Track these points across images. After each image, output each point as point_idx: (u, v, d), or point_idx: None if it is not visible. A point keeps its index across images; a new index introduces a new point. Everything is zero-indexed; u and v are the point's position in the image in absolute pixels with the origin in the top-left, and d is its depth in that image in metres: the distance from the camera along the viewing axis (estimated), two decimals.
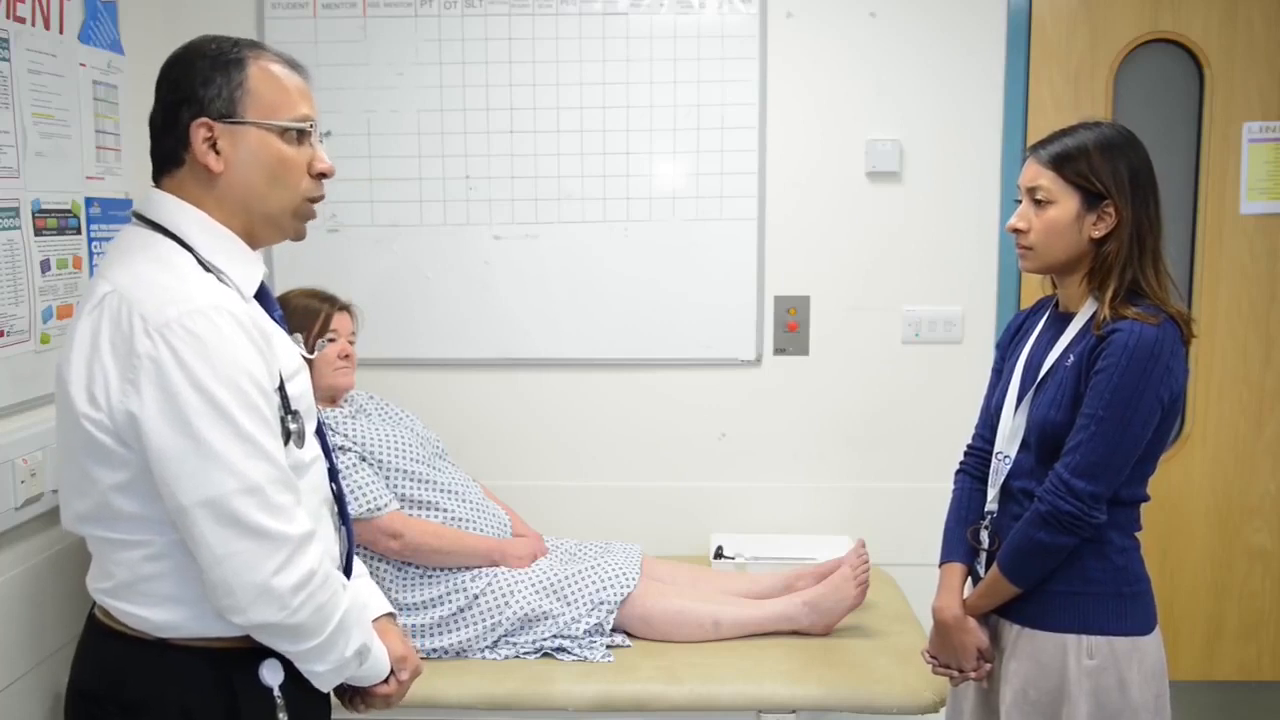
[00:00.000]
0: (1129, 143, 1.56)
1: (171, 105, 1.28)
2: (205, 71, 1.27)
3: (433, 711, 1.98)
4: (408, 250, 2.62)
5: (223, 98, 1.27)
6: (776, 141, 2.58)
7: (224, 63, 1.28)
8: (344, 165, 2.53)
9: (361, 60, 2.56)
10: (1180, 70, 2.57)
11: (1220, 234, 2.57)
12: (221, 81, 1.27)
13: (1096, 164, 1.53)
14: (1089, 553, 1.55)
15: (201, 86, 1.27)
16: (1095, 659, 1.54)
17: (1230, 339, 2.60)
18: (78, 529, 1.29)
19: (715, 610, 2.17)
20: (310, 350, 2.07)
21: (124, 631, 1.28)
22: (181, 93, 1.28)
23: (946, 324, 2.62)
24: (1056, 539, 1.53)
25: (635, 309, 2.63)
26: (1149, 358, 1.47)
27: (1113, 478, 1.51)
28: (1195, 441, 2.64)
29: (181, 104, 1.27)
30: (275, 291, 2.29)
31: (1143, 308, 1.52)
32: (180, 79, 1.28)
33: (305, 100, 1.33)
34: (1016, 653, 1.62)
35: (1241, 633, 2.67)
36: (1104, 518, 1.52)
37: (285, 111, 1.30)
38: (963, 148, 2.57)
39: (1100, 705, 1.53)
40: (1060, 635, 1.56)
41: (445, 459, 2.36)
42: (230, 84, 1.27)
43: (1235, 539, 2.65)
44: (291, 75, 1.32)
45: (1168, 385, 1.50)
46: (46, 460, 1.77)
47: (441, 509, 2.21)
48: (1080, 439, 1.51)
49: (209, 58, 1.28)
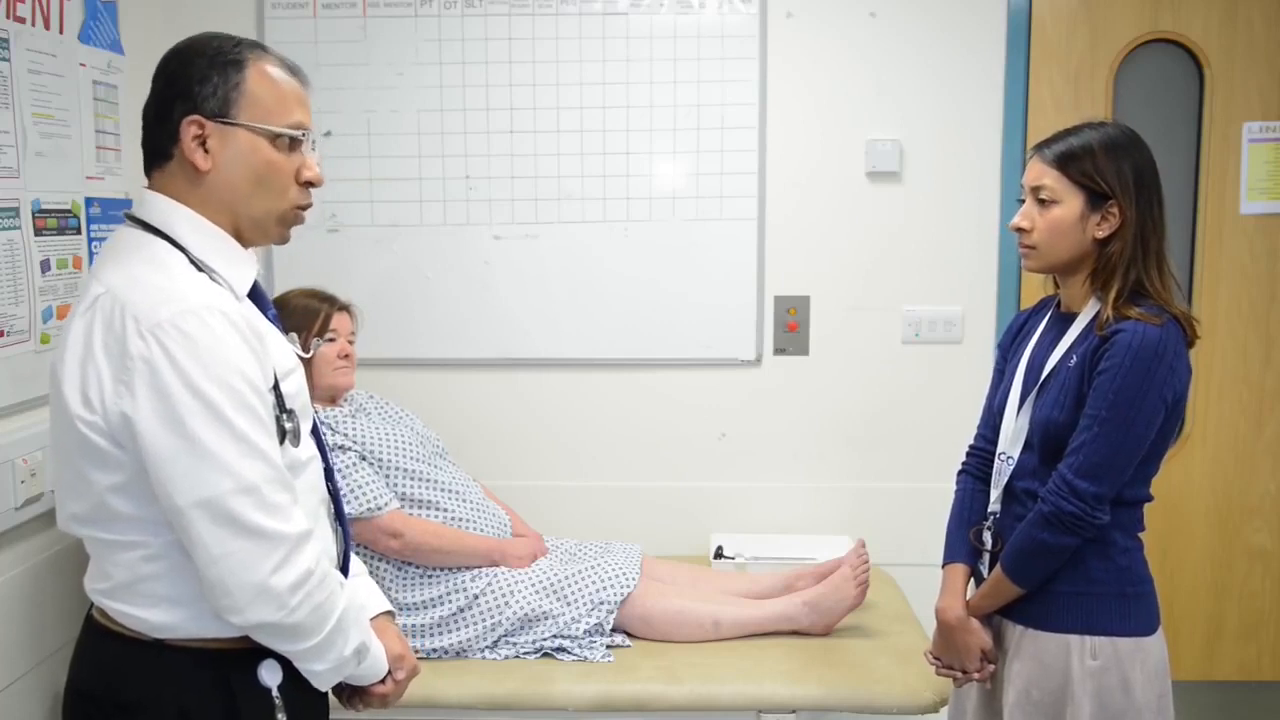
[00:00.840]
0: (1134, 143, 1.56)
1: (166, 99, 1.28)
2: (203, 69, 1.27)
3: (433, 711, 1.98)
4: (408, 250, 2.62)
5: (217, 97, 1.26)
6: (776, 141, 2.58)
7: (223, 62, 1.27)
8: (344, 165, 2.56)
9: (361, 60, 2.56)
10: (1180, 70, 2.57)
11: (1220, 234, 2.58)
12: (218, 80, 1.26)
13: (1101, 164, 1.53)
14: (1092, 553, 1.55)
15: (198, 83, 1.26)
16: (1099, 659, 1.54)
17: (1230, 339, 2.60)
18: (73, 530, 1.29)
19: (715, 610, 2.17)
20: (306, 350, 2.06)
21: (121, 632, 1.28)
22: (177, 87, 1.27)
23: (946, 324, 2.62)
24: (1059, 539, 1.53)
25: (635, 309, 2.63)
26: (1153, 358, 1.47)
27: (1116, 478, 1.51)
28: (1195, 441, 2.64)
29: (176, 98, 1.27)
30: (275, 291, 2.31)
31: (1146, 308, 1.52)
32: (177, 73, 1.28)
33: (301, 107, 1.32)
34: (1019, 653, 1.61)
35: (1241, 633, 2.67)
36: (1107, 518, 1.52)
37: (279, 117, 1.29)
38: (963, 148, 2.57)
39: (1103, 706, 1.53)
40: (1063, 636, 1.56)
41: (445, 458, 2.36)
42: (227, 84, 1.26)
43: (1235, 539, 2.65)
44: (290, 80, 1.32)
45: (1171, 386, 1.50)
46: (46, 460, 1.77)
47: (442, 508, 2.21)
48: (1083, 439, 1.51)
49: (208, 55, 1.28)
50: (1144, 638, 1.55)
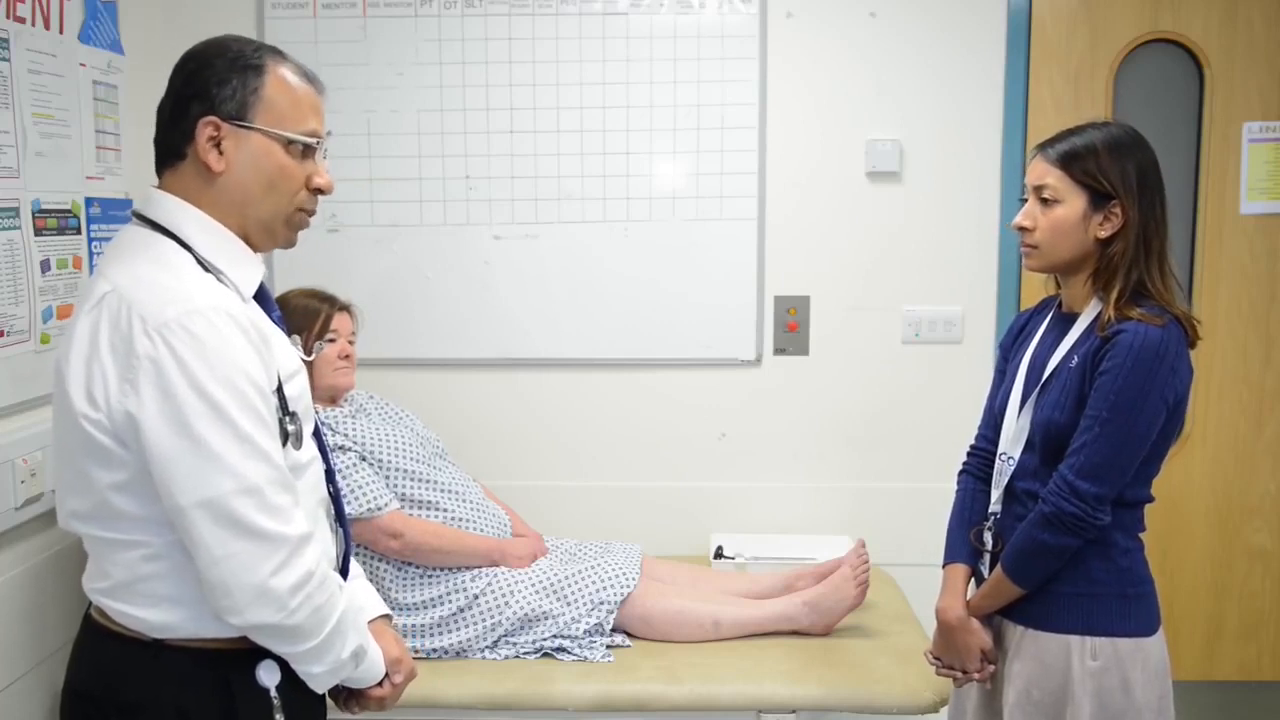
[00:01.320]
0: (1137, 143, 1.56)
1: (183, 98, 1.28)
2: (222, 71, 1.27)
3: (433, 711, 1.98)
4: (408, 250, 2.62)
5: (235, 99, 1.27)
6: (776, 141, 2.58)
7: (242, 65, 1.28)
8: (344, 165, 2.55)
9: (361, 60, 2.56)
10: (1180, 70, 2.56)
11: (1220, 234, 2.57)
12: (237, 83, 1.27)
13: (1105, 164, 1.53)
14: (1093, 554, 1.55)
15: (216, 85, 1.27)
16: (1099, 660, 1.54)
17: (1230, 339, 2.60)
18: (73, 527, 1.29)
19: (715, 610, 2.17)
20: (308, 352, 2.07)
21: (120, 632, 1.28)
22: (194, 87, 1.27)
23: (946, 324, 2.62)
24: (1060, 540, 1.53)
25: (635, 309, 2.63)
26: (1154, 359, 1.47)
27: (1117, 479, 1.51)
28: (1195, 441, 2.64)
29: (193, 98, 1.27)
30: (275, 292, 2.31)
31: (1147, 309, 1.51)
32: (196, 73, 1.28)
33: (315, 114, 1.33)
34: (1020, 653, 1.61)
35: (1241, 633, 2.67)
36: (1108, 519, 1.52)
37: (294, 123, 1.30)
38: (963, 148, 2.57)
39: (1103, 706, 1.53)
40: (1064, 636, 1.56)
41: (445, 459, 2.36)
42: (245, 87, 1.27)
43: (1235, 539, 2.65)
44: (306, 88, 1.32)
45: (1173, 387, 1.49)
46: (46, 460, 1.77)
47: (441, 509, 2.21)
48: (1084, 440, 1.51)
49: (229, 58, 1.28)
50: (1144, 638, 1.55)
